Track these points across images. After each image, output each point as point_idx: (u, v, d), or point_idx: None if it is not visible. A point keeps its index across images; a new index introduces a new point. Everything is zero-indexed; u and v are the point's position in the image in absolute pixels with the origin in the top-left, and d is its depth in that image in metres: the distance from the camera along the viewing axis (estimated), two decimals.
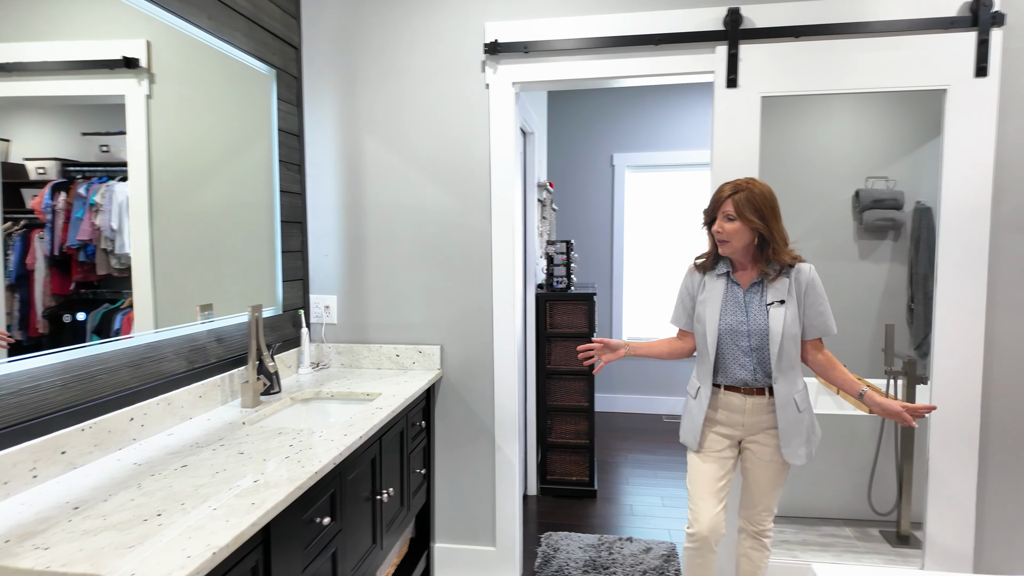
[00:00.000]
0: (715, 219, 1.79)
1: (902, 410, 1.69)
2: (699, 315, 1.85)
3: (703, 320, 1.83)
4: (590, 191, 4.80)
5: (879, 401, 1.73)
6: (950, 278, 2.13)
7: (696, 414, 1.87)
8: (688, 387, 1.95)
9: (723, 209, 1.76)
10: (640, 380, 4.87)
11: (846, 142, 3.63)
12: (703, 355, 1.86)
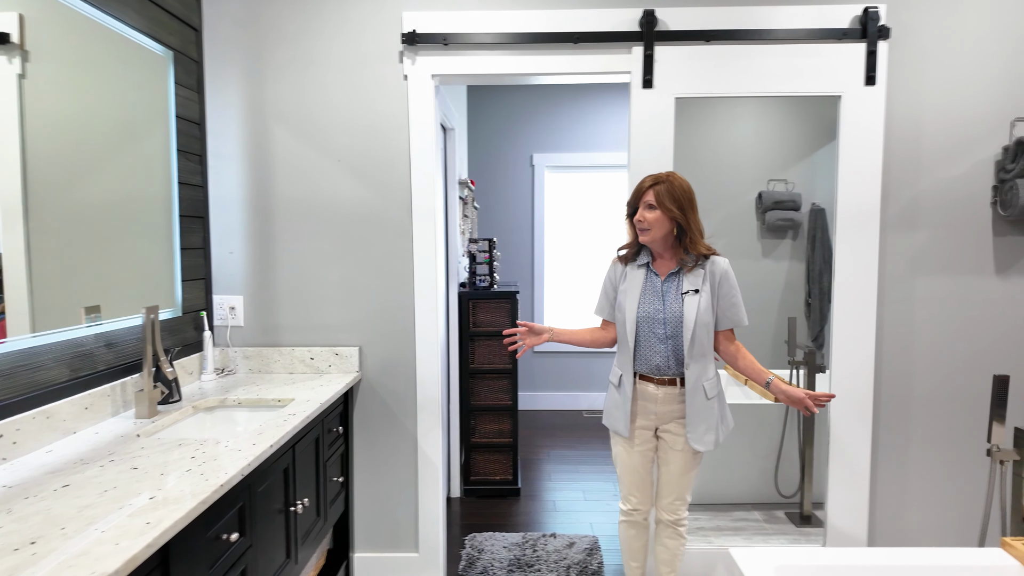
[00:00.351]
0: (637, 209, 1.85)
1: (804, 397, 1.78)
2: (619, 304, 1.92)
3: (623, 309, 1.90)
4: (511, 190, 4.81)
5: (784, 389, 1.82)
6: (846, 273, 2.28)
7: (622, 401, 1.93)
8: (611, 376, 2.01)
9: (645, 199, 1.83)
10: (561, 377, 4.94)
11: (750, 146, 3.83)
12: (623, 344, 1.92)
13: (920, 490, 2.37)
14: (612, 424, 1.98)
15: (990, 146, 2.27)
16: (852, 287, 2.28)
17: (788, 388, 1.81)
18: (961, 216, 2.29)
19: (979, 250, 2.30)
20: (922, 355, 2.34)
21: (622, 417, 1.92)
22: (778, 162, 3.90)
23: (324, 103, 2.30)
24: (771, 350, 3.69)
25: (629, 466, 1.98)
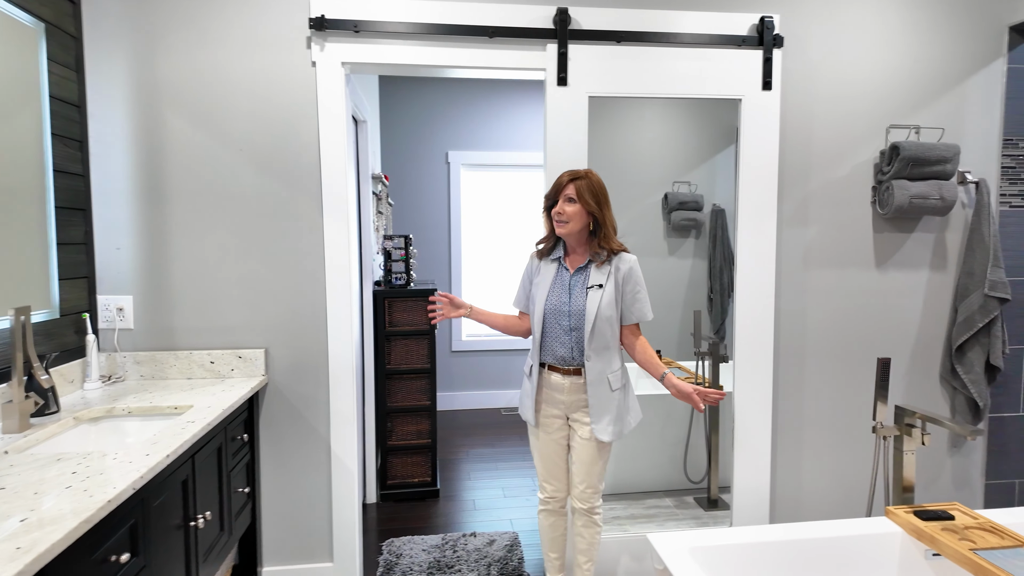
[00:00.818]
0: (556, 203, 1.90)
1: (693, 392, 1.83)
2: (532, 296, 1.99)
3: (534, 300, 1.97)
4: (426, 187, 4.73)
5: (675, 383, 1.87)
6: (747, 266, 2.41)
7: (531, 391, 1.99)
8: (524, 367, 2.07)
9: (565, 192, 1.88)
10: (480, 376, 4.92)
11: (656, 149, 3.99)
12: (534, 335, 1.99)
13: (815, 468, 2.56)
14: (523, 413, 2.04)
15: (869, 150, 2.48)
16: (752, 279, 2.42)
17: (679, 383, 1.87)
18: (846, 214, 2.49)
19: (861, 245, 2.51)
20: (814, 342, 2.52)
21: (531, 406, 1.99)
22: (682, 165, 4.08)
23: (225, 88, 2.15)
24: (678, 343, 3.85)
25: (543, 454, 2.04)
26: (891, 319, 2.55)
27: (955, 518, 1.64)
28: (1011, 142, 2.53)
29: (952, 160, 2.37)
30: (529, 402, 2.00)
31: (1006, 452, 2.64)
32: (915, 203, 2.37)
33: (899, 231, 2.52)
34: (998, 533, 1.56)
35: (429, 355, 3.21)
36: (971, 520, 1.63)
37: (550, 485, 2.06)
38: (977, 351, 2.49)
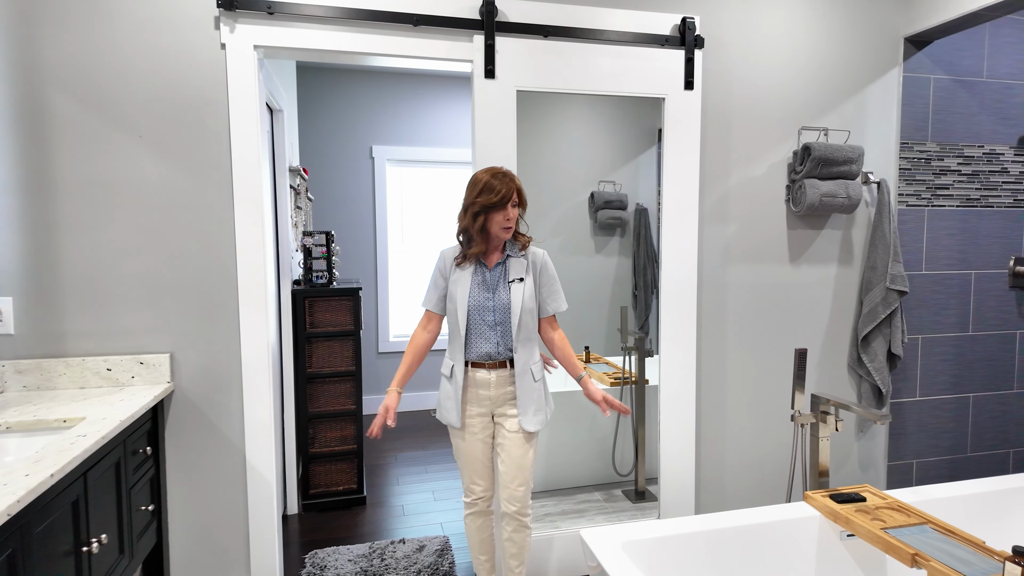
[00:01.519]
0: (496, 208, 1.85)
1: (602, 400, 1.94)
2: (451, 295, 1.94)
3: (454, 299, 1.92)
4: (350, 182, 4.57)
5: (588, 387, 1.98)
6: (671, 262, 2.46)
7: (453, 392, 1.95)
8: (442, 369, 2.02)
9: (513, 199, 1.87)
10: None
11: (582, 149, 4.03)
12: (455, 334, 1.95)
13: (737, 457, 2.64)
14: (445, 416, 1.99)
15: (783, 150, 2.59)
16: (676, 275, 2.47)
17: (592, 388, 1.97)
18: (762, 211, 2.59)
19: (776, 241, 2.62)
20: (734, 335, 2.60)
21: (454, 407, 1.95)
22: (607, 164, 4.15)
23: (121, 69, 1.96)
24: (605, 338, 3.91)
25: (469, 455, 2.00)
26: (804, 312, 2.68)
27: (866, 499, 1.72)
28: (907, 145, 2.72)
29: (857, 161, 2.52)
30: (451, 404, 1.96)
31: (905, 434, 2.84)
32: (825, 201, 2.50)
33: (810, 228, 2.65)
34: (904, 512, 1.65)
35: (354, 357, 3.09)
36: (880, 500, 1.72)
37: (478, 486, 2.03)
38: (880, 341, 2.65)
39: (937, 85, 2.72)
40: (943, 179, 2.78)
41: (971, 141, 2.80)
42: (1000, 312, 2.91)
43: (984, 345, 2.90)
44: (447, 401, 1.97)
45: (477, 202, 1.86)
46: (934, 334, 2.83)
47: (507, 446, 1.96)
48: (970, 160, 2.81)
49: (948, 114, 2.75)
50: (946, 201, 2.79)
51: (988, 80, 2.79)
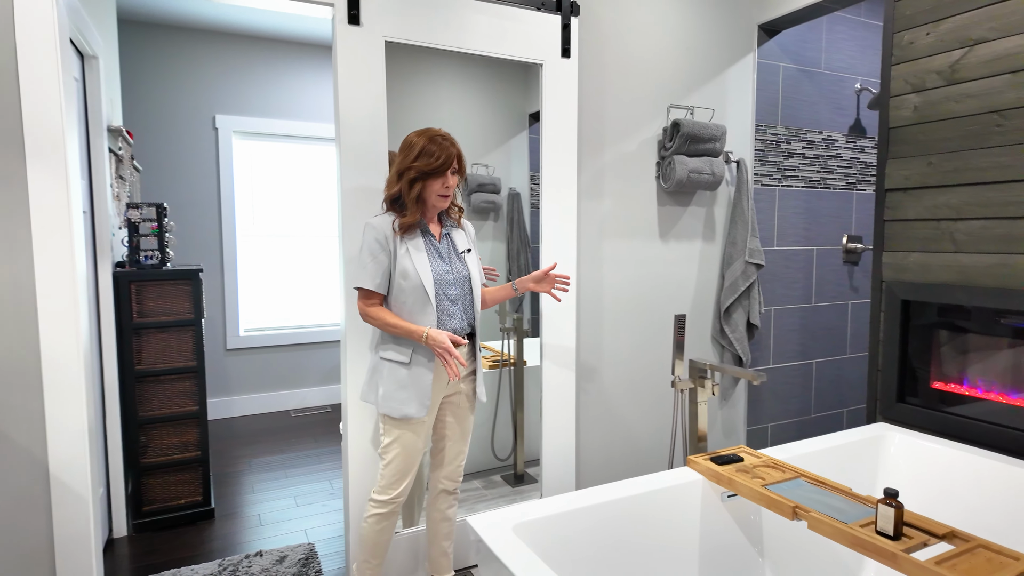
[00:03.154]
0: (438, 174, 1.72)
1: (544, 275, 1.91)
2: (403, 270, 1.74)
3: (412, 274, 1.74)
4: (188, 154, 4.01)
5: (526, 280, 1.94)
6: (551, 236, 2.39)
7: (413, 380, 1.76)
8: (386, 355, 1.78)
9: (453, 165, 1.74)
10: (263, 376, 4.34)
11: (455, 129, 3.88)
12: (417, 312, 1.75)
13: (619, 431, 2.65)
14: (401, 409, 1.75)
15: (653, 127, 2.62)
16: (556, 249, 2.40)
17: (529, 276, 1.94)
18: (635, 187, 2.61)
19: (648, 217, 2.65)
20: (611, 310, 2.60)
21: (416, 395, 1.76)
22: (479, 147, 4.03)
23: None
24: (482, 322, 3.81)
25: (415, 450, 1.81)
26: (673, 286, 2.74)
27: (744, 460, 1.75)
28: (761, 128, 2.88)
29: (720, 139, 2.62)
30: (413, 392, 1.75)
31: (761, 400, 3.03)
32: (692, 177, 2.57)
33: (678, 204, 2.72)
34: (779, 468, 1.70)
35: (195, 351, 2.68)
36: (757, 460, 1.75)
37: (406, 483, 1.83)
38: (740, 312, 2.79)
39: (785, 73, 2.92)
40: (791, 161, 2.99)
41: (812, 127, 3.04)
42: (836, 285, 3.21)
43: (824, 315, 3.18)
44: (401, 392, 1.74)
45: (414, 167, 1.70)
46: (784, 306, 3.04)
47: (458, 423, 1.91)
48: (812, 144, 3.05)
49: (794, 101, 2.97)
50: (793, 182, 3.01)
51: (826, 72, 3.05)
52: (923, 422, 2.11)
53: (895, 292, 2.19)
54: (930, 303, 2.12)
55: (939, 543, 1.29)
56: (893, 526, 1.27)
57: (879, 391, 2.26)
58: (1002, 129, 1.89)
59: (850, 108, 3.15)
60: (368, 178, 2.03)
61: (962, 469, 1.88)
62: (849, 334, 3.28)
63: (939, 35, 2.04)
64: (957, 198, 2.01)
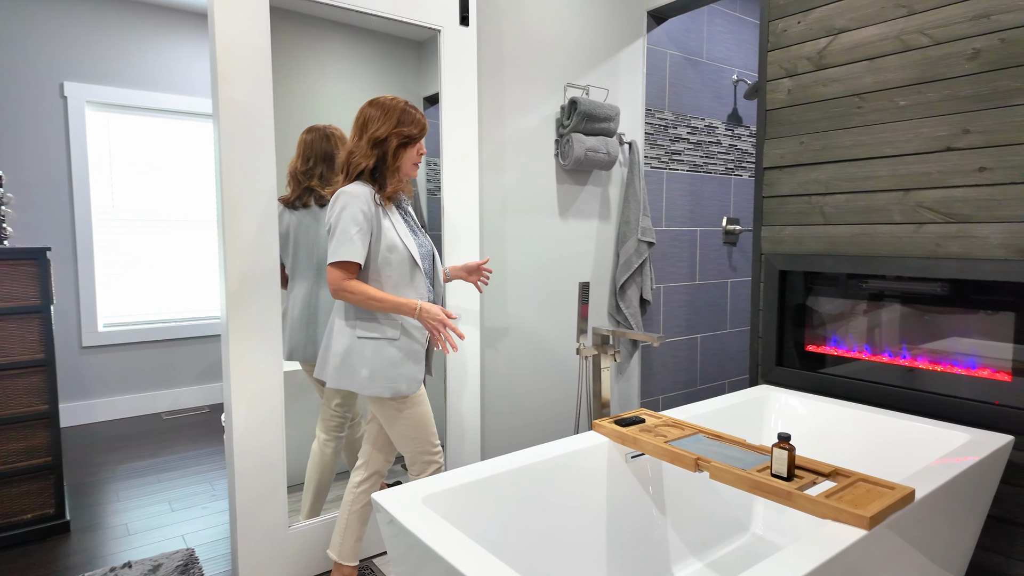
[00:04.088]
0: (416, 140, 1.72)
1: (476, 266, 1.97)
2: (391, 243, 1.69)
3: (398, 247, 1.69)
4: (30, 124, 3.49)
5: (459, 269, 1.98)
6: (453, 211, 2.33)
7: (412, 352, 1.73)
8: (369, 334, 1.69)
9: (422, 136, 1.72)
10: (128, 376, 3.90)
11: (344, 107, 3.69)
12: (405, 283, 1.72)
13: (524, 403, 2.64)
14: (394, 387, 1.70)
15: (551, 104, 2.64)
16: (458, 225, 2.34)
17: (462, 266, 1.98)
18: (536, 163, 2.61)
19: (548, 195, 2.67)
20: (513, 287, 2.58)
21: (409, 370, 1.72)
22: None
23: None
24: None
25: (425, 414, 1.79)
26: (572, 263, 2.79)
27: (646, 421, 1.80)
28: (650, 112, 3.00)
29: (615, 119, 2.69)
30: (410, 365, 1.72)
31: (653, 374, 3.16)
32: (590, 156, 2.61)
33: (576, 183, 2.76)
34: (679, 427, 1.76)
35: (43, 343, 2.33)
36: (657, 420, 1.81)
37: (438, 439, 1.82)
38: (634, 289, 2.89)
39: (672, 60, 3.06)
40: (677, 145, 3.14)
41: (696, 113, 3.22)
42: (717, 264, 3.42)
43: (707, 292, 3.38)
44: (403, 365, 1.70)
45: (400, 132, 1.66)
46: (673, 283, 3.20)
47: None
48: (696, 131, 3.23)
49: (680, 87, 3.12)
50: (679, 166, 3.17)
51: (707, 61, 3.23)
52: (800, 383, 2.29)
53: (773, 263, 2.36)
54: (803, 272, 2.31)
55: (825, 480, 1.39)
56: (787, 468, 1.35)
57: (760, 356, 2.42)
58: (861, 111, 2.08)
59: (728, 97, 3.37)
60: (253, 155, 1.86)
61: (832, 421, 2.06)
62: (729, 310, 3.52)
63: (808, 24, 2.21)
64: (825, 174, 2.19)
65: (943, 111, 1.90)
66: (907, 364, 2.04)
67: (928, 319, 2.00)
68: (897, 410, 2.04)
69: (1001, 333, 1.84)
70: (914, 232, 1.98)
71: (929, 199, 1.94)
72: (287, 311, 2.12)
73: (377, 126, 1.66)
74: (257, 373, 1.90)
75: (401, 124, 1.67)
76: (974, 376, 1.90)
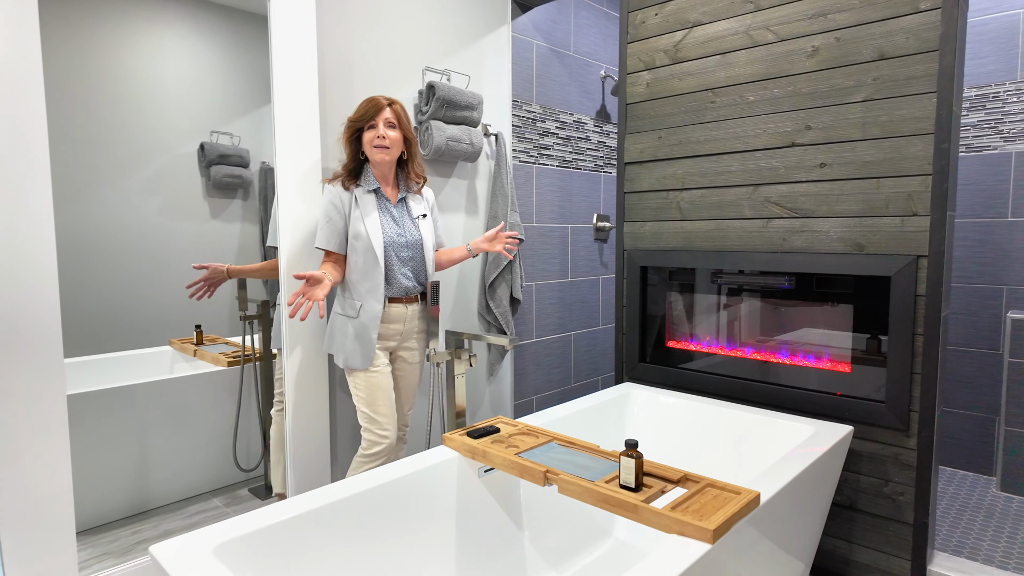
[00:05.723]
0: (367, 128, 1.87)
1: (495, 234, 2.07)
2: (356, 232, 1.89)
3: (364, 235, 1.88)
4: None
5: (479, 241, 2.09)
6: (290, 210, 2.08)
7: (358, 332, 1.90)
8: (342, 310, 1.95)
9: (384, 117, 1.86)
10: None
11: (187, 89, 3.28)
12: (368, 271, 1.89)
13: None
14: (347, 360, 1.92)
15: (409, 89, 2.44)
16: (296, 222, 2.09)
17: (482, 237, 2.09)
18: None
19: None
20: None
21: (358, 348, 1.90)
22: (220, 113, 3.46)
23: None
24: (229, 315, 3.28)
25: (381, 386, 1.92)
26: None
27: (500, 430, 1.66)
28: (518, 103, 2.89)
29: (478, 108, 2.54)
30: (355, 345, 1.90)
31: (526, 373, 3.06)
32: (451, 145, 2.45)
33: (439, 175, 2.59)
34: (533, 434, 1.64)
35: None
36: (513, 428, 1.68)
37: (388, 421, 1.92)
38: (504, 287, 2.77)
39: (539, 50, 2.97)
40: (546, 140, 3.06)
41: (565, 108, 3.15)
42: (588, 260, 3.39)
43: (579, 289, 3.34)
44: (350, 343, 1.91)
45: (348, 124, 1.89)
46: (544, 281, 3.12)
47: (409, 377, 2.05)
48: (565, 125, 3.16)
49: (547, 80, 3.04)
50: (549, 161, 3.09)
51: (575, 55, 3.18)
52: (661, 378, 2.27)
53: (634, 259, 2.32)
54: (663, 268, 2.28)
55: (675, 487, 1.31)
56: (635, 477, 1.26)
57: (624, 353, 2.38)
58: (714, 106, 2.08)
59: (596, 93, 3.35)
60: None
61: (691, 417, 2.04)
62: (601, 306, 3.51)
63: (665, 16, 2.19)
64: (681, 169, 2.18)
65: (787, 107, 1.92)
66: (760, 358, 2.07)
67: (780, 313, 2.03)
68: (753, 403, 2.06)
69: (842, 325, 1.90)
70: (763, 227, 2.00)
71: (776, 194, 1.96)
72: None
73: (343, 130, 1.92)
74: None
75: (353, 115, 1.88)
76: (819, 368, 1.94)
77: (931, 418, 1.73)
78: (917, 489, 1.76)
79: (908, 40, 1.70)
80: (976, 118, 2.75)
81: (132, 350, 2.26)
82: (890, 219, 1.76)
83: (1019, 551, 2.12)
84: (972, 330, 2.79)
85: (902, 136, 1.73)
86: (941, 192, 1.67)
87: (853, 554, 1.89)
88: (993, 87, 2.70)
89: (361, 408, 1.93)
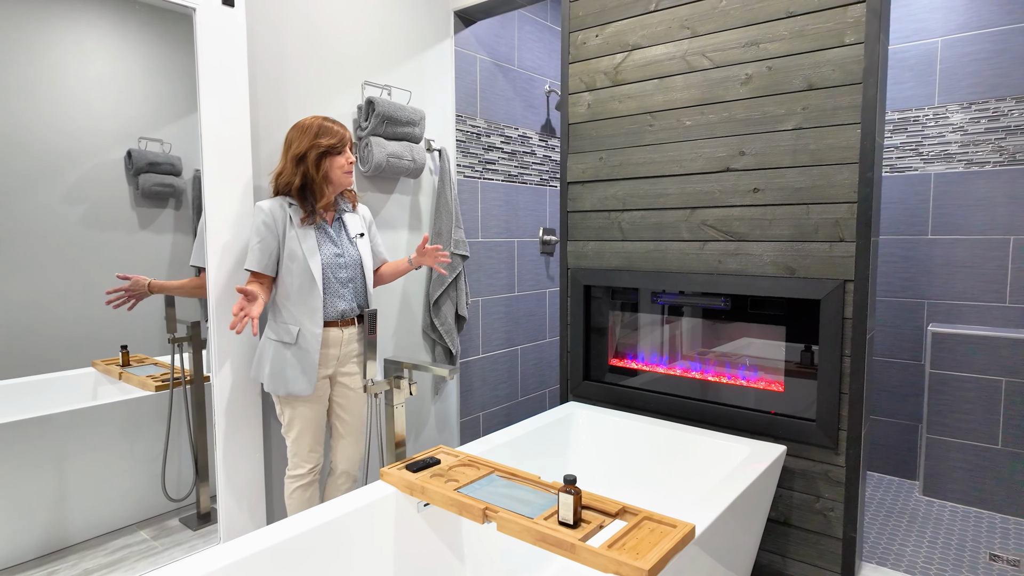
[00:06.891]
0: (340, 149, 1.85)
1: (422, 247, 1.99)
2: (292, 253, 1.83)
3: (300, 257, 1.82)
4: None
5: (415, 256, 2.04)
6: (219, 228, 1.98)
7: (299, 358, 1.84)
8: (275, 336, 1.86)
9: (350, 144, 1.89)
10: None
11: (112, 93, 3.10)
12: (303, 294, 1.84)
13: None
14: (288, 387, 1.84)
15: (347, 104, 2.38)
16: (227, 242, 2.00)
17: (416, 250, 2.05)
18: None
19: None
20: None
21: (301, 374, 1.83)
22: (150, 119, 3.29)
23: None
24: (159, 333, 3.12)
25: (313, 422, 1.90)
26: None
27: (441, 461, 1.63)
28: (461, 118, 2.86)
29: (419, 124, 2.49)
30: (297, 371, 1.83)
31: (472, 390, 3.03)
32: (392, 162, 2.39)
33: (380, 191, 2.53)
34: (474, 465, 1.61)
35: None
36: (454, 459, 1.65)
37: (316, 454, 1.93)
38: (448, 304, 2.73)
39: (482, 65, 2.95)
40: (491, 154, 3.04)
41: (509, 122, 3.14)
42: (535, 274, 3.39)
43: (525, 303, 3.33)
44: (290, 370, 1.83)
45: (317, 144, 1.81)
46: (490, 296, 3.10)
47: (348, 405, 1.98)
48: (510, 140, 3.15)
49: (491, 94, 3.02)
50: (494, 175, 3.07)
51: (519, 69, 3.17)
52: (605, 396, 2.28)
53: (577, 278, 2.33)
54: (605, 287, 2.30)
55: (614, 520, 1.31)
56: (572, 513, 1.25)
57: (568, 371, 2.38)
58: (653, 129, 2.11)
59: (541, 108, 3.35)
60: None
61: (633, 436, 2.06)
62: (548, 319, 3.51)
63: (605, 38, 2.20)
64: (622, 190, 2.20)
65: (722, 132, 1.96)
66: (700, 376, 2.10)
67: (717, 333, 2.07)
68: (694, 421, 2.10)
69: (776, 345, 1.95)
70: (700, 249, 2.04)
71: (712, 217, 2.00)
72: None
73: (297, 145, 1.82)
74: None
75: (318, 137, 1.82)
76: (755, 387, 1.99)
77: (858, 437, 1.80)
78: (846, 505, 1.83)
79: (835, 72, 1.77)
80: (899, 140, 2.89)
81: (51, 373, 2.12)
82: (819, 244, 1.82)
83: (940, 556, 2.23)
84: (896, 342, 2.93)
85: (830, 164, 1.79)
86: (866, 219, 1.74)
87: (787, 568, 1.94)
88: (913, 111, 2.85)
89: (291, 437, 1.91)
